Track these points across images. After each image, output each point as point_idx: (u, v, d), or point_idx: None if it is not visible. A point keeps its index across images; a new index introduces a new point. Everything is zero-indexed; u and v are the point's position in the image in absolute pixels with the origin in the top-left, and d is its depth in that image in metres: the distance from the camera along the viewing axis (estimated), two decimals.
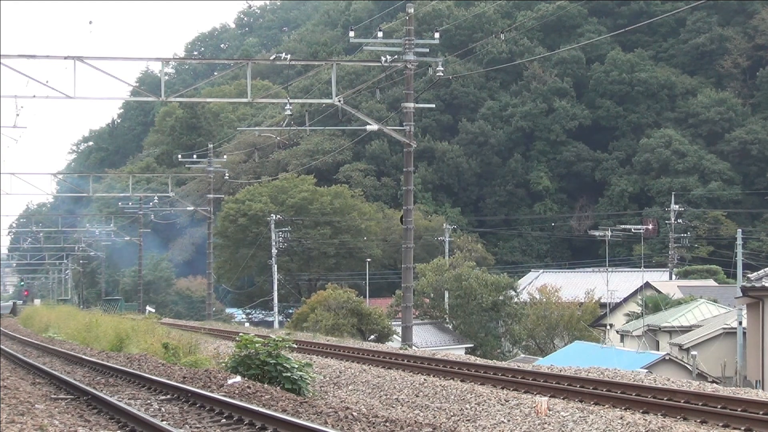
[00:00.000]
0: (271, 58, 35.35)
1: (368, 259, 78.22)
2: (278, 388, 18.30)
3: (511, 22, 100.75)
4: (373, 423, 13.61)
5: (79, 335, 35.77)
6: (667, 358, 38.99)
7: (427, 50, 36.81)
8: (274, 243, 72.60)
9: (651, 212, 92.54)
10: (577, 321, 60.09)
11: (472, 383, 20.23)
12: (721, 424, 14.39)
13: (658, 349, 45.78)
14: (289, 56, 34.75)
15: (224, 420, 14.10)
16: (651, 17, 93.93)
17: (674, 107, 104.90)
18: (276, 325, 67.64)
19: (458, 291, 60.36)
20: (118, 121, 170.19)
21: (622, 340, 53.29)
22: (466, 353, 44.60)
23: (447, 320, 62.56)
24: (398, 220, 53.05)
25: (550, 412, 15.83)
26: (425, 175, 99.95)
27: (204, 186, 79.21)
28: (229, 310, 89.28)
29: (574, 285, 72.93)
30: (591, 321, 62.21)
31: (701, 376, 36.30)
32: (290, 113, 37.62)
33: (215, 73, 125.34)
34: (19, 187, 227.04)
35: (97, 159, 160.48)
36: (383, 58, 35.11)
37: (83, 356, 25.94)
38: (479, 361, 25.55)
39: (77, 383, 18.61)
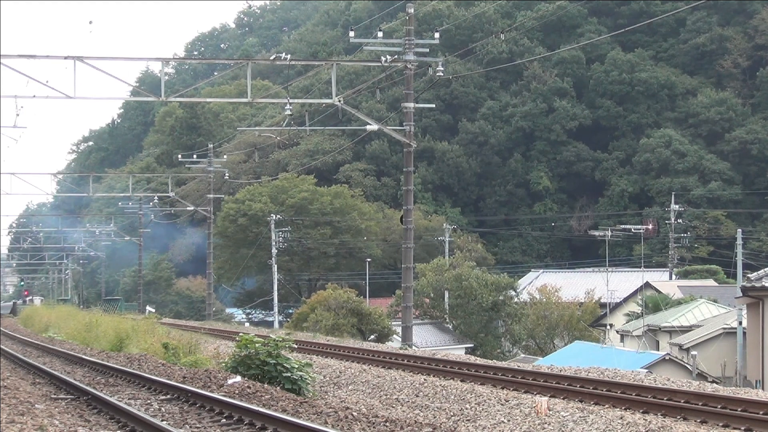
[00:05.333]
0: (271, 58, 35.31)
1: (368, 259, 78.23)
2: (278, 388, 18.29)
3: (511, 22, 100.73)
4: (373, 423, 13.61)
5: (79, 335, 35.74)
6: (667, 358, 39.01)
7: (427, 50, 36.81)
8: (274, 243, 72.61)
9: (651, 212, 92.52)
10: (577, 321, 60.09)
11: (472, 383, 20.23)
12: (721, 424, 14.39)
13: (658, 349, 45.77)
14: (289, 56, 34.71)
15: (224, 420, 14.10)
16: (651, 17, 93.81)
17: (674, 107, 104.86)
18: (276, 325, 67.62)
19: (458, 291, 60.34)
20: (118, 121, 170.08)
21: (622, 340, 53.29)
22: (466, 353, 44.58)
23: (447, 320, 62.54)
24: (398, 220, 53.04)
25: (550, 412, 15.82)
26: (425, 175, 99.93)
27: (204, 186, 79.15)
28: (229, 310, 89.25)
29: (574, 285, 72.90)
30: (591, 321, 62.21)
31: (701, 376, 36.30)
32: (290, 113, 37.60)
33: (215, 73, 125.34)
34: (19, 187, 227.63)
35: (97, 159, 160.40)
36: (383, 58, 35.08)
37: (83, 356, 25.93)
38: (479, 361, 25.55)
39: (77, 383, 18.60)
